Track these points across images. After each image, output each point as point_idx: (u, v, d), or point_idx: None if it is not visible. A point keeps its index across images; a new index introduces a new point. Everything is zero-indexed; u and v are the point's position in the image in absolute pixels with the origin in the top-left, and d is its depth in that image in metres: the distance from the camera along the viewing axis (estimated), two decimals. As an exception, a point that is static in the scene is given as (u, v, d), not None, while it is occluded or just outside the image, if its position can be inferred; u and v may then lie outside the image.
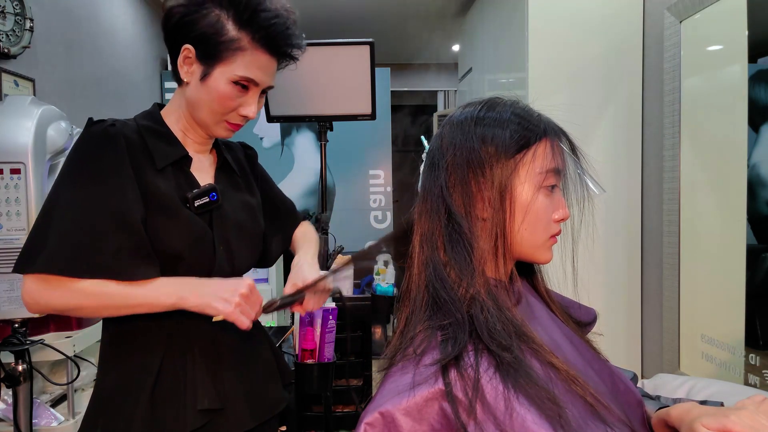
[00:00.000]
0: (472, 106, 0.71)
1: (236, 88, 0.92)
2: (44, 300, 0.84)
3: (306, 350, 1.51)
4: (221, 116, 0.95)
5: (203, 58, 0.91)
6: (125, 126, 0.92)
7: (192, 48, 0.91)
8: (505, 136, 0.67)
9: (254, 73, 0.92)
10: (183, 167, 0.96)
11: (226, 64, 0.90)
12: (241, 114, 0.95)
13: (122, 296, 0.85)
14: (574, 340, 0.71)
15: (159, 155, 0.92)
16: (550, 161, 0.68)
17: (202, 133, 0.99)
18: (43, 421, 1.45)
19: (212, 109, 0.93)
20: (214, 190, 0.95)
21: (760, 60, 1.35)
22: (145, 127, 0.94)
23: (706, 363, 1.58)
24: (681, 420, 0.64)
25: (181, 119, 0.98)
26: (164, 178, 0.92)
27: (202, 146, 1.01)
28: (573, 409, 0.57)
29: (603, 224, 1.93)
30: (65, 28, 2.46)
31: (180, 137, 0.97)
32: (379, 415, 0.57)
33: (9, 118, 1.26)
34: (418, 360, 0.60)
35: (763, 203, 1.34)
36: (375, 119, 1.79)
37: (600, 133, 1.94)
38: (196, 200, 0.93)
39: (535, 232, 0.68)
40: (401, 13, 4.25)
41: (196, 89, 0.93)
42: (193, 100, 0.94)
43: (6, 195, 1.22)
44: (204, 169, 1.01)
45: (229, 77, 0.91)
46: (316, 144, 3.81)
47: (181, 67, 0.93)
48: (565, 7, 1.94)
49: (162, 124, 0.97)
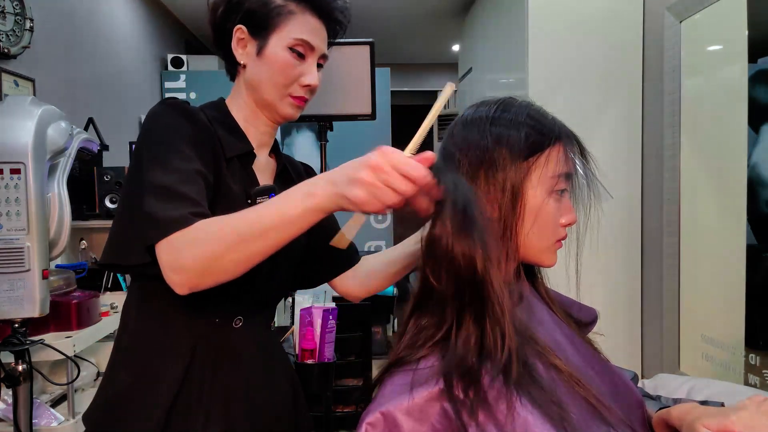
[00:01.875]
0: (486, 106, 0.71)
1: (294, 56, 0.92)
2: (182, 261, 0.72)
3: (306, 350, 1.51)
4: (284, 88, 0.93)
5: (256, 32, 0.92)
6: (197, 111, 0.91)
7: (244, 27, 0.92)
8: (520, 139, 0.66)
9: (308, 35, 0.92)
10: (246, 163, 0.95)
11: (280, 30, 0.91)
12: (303, 84, 0.94)
13: (250, 221, 0.71)
14: (575, 340, 0.71)
15: (228, 145, 0.92)
16: (563, 166, 0.67)
17: (266, 120, 0.98)
18: (43, 421, 1.45)
19: (275, 82, 0.92)
20: (273, 190, 0.93)
21: (760, 60, 1.35)
22: (213, 117, 0.93)
23: (706, 363, 1.58)
24: (681, 420, 0.64)
25: (243, 108, 0.97)
26: (231, 170, 0.91)
27: (264, 136, 0.99)
28: (575, 411, 0.57)
29: (603, 224, 1.93)
30: (65, 28, 2.46)
31: (243, 128, 0.96)
32: (380, 415, 0.57)
33: (9, 118, 1.26)
34: (419, 360, 0.60)
35: (763, 203, 1.34)
36: (375, 119, 1.79)
37: (600, 133, 1.94)
38: (258, 197, 0.92)
39: (543, 236, 0.68)
40: (401, 13, 4.25)
41: (255, 66, 0.93)
42: (254, 79, 0.94)
43: (6, 195, 1.22)
44: (264, 170, 0.99)
45: (285, 43, 0.91)
46: (316, 144, 3.80)
47: (236, 51, 0.94)
48: (565, 7, 1.94)
49: (228, 115, 0.96)
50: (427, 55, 5.66)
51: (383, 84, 3.61)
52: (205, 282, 0.73)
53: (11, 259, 1.22)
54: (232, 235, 0.71)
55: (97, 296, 1.61)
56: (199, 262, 0.72)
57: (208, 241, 0.72)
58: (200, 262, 0.72)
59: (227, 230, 0.72)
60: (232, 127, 0.95)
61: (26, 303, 1.24)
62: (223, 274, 0.73)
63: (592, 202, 0.71)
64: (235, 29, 0.93)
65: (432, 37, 4.97)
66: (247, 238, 0.71)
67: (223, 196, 0.87)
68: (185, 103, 0.90)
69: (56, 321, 1.48)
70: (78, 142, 1.44)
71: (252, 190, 0.92)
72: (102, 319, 1.64)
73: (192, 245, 0.72)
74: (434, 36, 4.94)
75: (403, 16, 4.33)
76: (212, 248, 0.71)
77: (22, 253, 1.23)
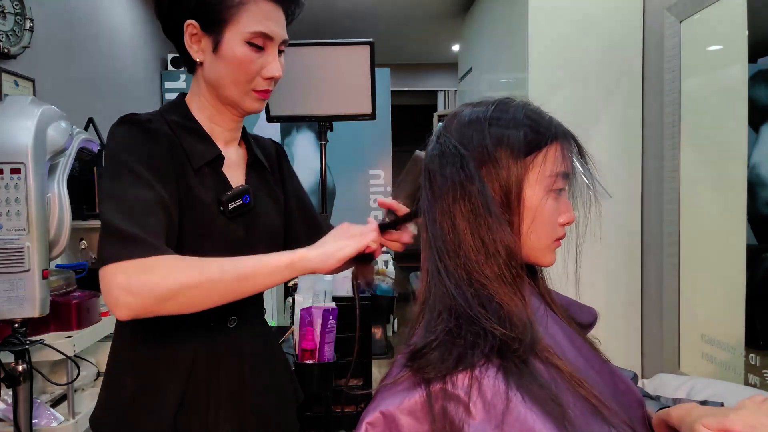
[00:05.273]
0: (483, 106, 0.70)
1: (252, 49, 0.87)
2: (140, 288, 0.72)
3: (306, 350, 1.51)
4: (246, 85, 0.89)
5: (209, 27, 0.86)
6: (159, 122, 0.87)
7: (195, 22, 0.86)
8: (519, 138, 0.66)
9: (265, 25, 0.87)
10: (216, 167, 0.91)
11: (234, 24, 0.85)
12: (265, 77, 0.89)
13: (230, 266, 0.76)
14: (575, 340, 0.71)
15: (195, 155, 0.88)
16: (560, 164, 0.67)
17: (231, 116, 0.94)
18: (43, 421, 1.44)
19: (235, 79, 0.88)
20: (247, 192, 0.91)
21: (760, 60, 1.35)
22: (175, 123, 0.89)
23: (706, 363, 1.58)
24: (681, 421, 0.64)
25: (205, 107, 0.93)
26: (200, 180, 0.88)
27: (231, 133, 0.96)
28: (576, 410, 0.57)
29: (603, 224, 1.92)
30: (65, 28, 2.46)
31: (207, 128, 0.93)
32: (380, 415, 0.57)
33: (9, 118, 1.26)
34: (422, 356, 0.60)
35: (763, 203, 1.34)
36: (375, 119, 1.79)
37: (600, 133, 1.94)
38: (230, 203, 0.89)
39: (541, 235, 0.68)
40: (401, 13, 4.25)
41: (212, 65, 0.88)
42: (213, 77, 0.89)
43: (6, 195, 1.22)
44: (234, 166, 0.96)
45: (241, 38, 0.86)
46: (316, 144, 3.81)
47: (191, 48, 0.88)
48: (565, 7, 1.94)
49: (191, 118, 0.92)
50: (427, 55, 5.66)
51: (383, 84, 3.61)
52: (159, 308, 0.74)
53: (11, 259, 1.22)
54: (207, 271, 0.75)
55: (97, 296, 1.61)
56: (166, 291, 0.73)
57: (186, 274, 0.74)
58: (167, 292, 0.73)
59: (206, 269, 0.75)
60: (197, 131, 0.91)
61: (26, 303, 1.23)
62: (185, 305, 0.75)
63: (591, 201, 0.71)
64: (186, 24, 0.87)
65: (432, 37, 4.97)
66: (229, 280, 0.75)
67: (191, 208, 0.86)
68: (147, 120, 0.86)
69: (56, 321, 1.48)
70: (78, 142, 1.44)
71: (223, 196, 0.89)
72: (102, 319, 1.64)
73: (147, 273, 0.73)
74: (434, 36, 4.94)
75: (403, 16, 4.33)
76: (184, 281, 0.74)
77: (22, 253, 1.23)
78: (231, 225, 0.90)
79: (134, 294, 0.72)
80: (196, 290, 0.74)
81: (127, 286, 0.72)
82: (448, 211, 0.65)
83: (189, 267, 0.75)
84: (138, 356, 0.90)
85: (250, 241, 0.92)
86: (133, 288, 0.72)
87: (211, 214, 0.88)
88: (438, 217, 0.66)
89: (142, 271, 0.73)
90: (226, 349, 0.92)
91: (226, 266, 0.76)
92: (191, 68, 0.92)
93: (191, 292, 0.74)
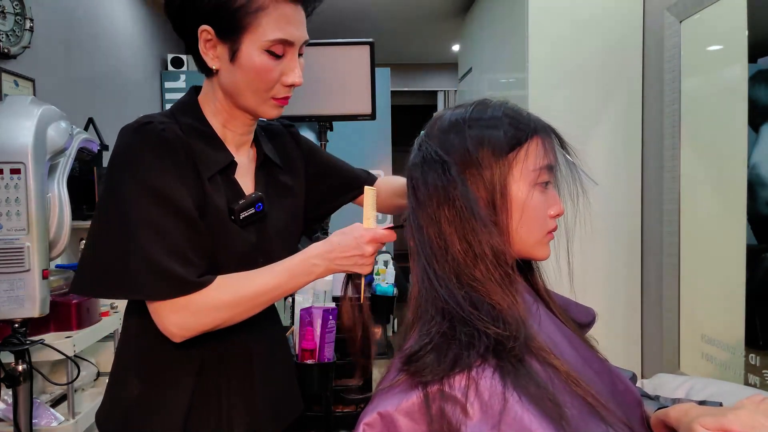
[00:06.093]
0: (462, 108, 0.72)
1: (271, 57, 0.82)
2: (194, 325, 0.81)
3: (306, 350, 1.51)
4: (266, 93, 0.85)
5: (225, 35, 0.81)
6: (173, 126, 0.84)
7: (209, 27, 0.81)
8: (499, 136, 0.67)
9: (285, 31, 0.81)
10: (228, 174, 0.89)
11: (252, 31, 0.80)
12: (285, 84, 0.85)
13: (262, 280, 0.83)
14: (573, 340, 0.71)
15: (208, 163, 0.85)
16: (542, 158, 0.68)
17: (245, 120, 0.90)
18: (43, 421, 1.45)
19: (255, 88, 0.83)
20: (260, 200, 0.89)
21: (760, 60, 1.35)
22: (189, 127, 0.86)
23: (706, 363, 1.58)
24: (679, 421, 0.64)
25: (220, 112, 0.89)
26: (213, 187, 0.86)
27: (243, 137, 0.93)
28: (573, 410, 0.57)
29: (603, 224, 1.93)
30: (65, 28, 2.46)
31: (220, 133, 0.89)
32: (377, 416, 0.57)
33: (9, 118, 1.26)
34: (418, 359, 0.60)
35: (763, 203, 1.34)
36: (375, 119, 1.79)
37: (600, 133, 1.94)
38: (242, 212, 0.87)
39: (532, 229, 0.69)
40: (401, 13, 4.25)
41: (229, 74, 0.83)
42: (231, 86, 0.85)
43: (6, 195, 1.22)
44: (245, 169, 0.93)
45: (260, 45, 0.80)
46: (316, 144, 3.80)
47: (206, 54, 0.83)
48: (565, 7, 1.94)
49: (204, 122, 0.88)
50: (427, 55, 5.66)
51: (383, 84, 3.61)
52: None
53: (11, 259, 1.22)
54: (244, 290, 0.83)
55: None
56: (207, 327, 0.82)
57: (226, 301, 0.82)
58: (208, 326, 0.82)
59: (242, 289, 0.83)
60: (210, 137, 0.88)
61: (26, 303, 1.24)
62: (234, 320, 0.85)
63: (579, 192, 0.72)
64: (200, 30, 0.82)
65: (432, 37, 4.97)
66: (265, 292, 0.83)
67: (205, 216, 0.84)
68: (161, 130, 0.82)
69: (56, 321, 1.48)
70: (78, 142, 1.44)
71: (235, 205, 0.87)
72: (102, 319, 1.64)
73: (197, 314, 0.81)
74: (434, 36, 4.94)
75: (403, 16, 4.33)
76: (228, 310, 0.83)
77: (22, 253, 1.23)
78: (243, 233, 0.88)
79: (189, 330, 0.81)
80: (241, 315, 0.84)
81: (182, 325, 0.80)
82: (433, 217, 0.66)
83: (232, 294, 0.82)
84: (145, 356, 0.89)
85: (262, 247, 0.91)
86: (188, 326, 0.81)
87: (223, 222, 0.86)
88: (424, 223, 0.67)
89: (192, 314, 0.80)
90: (235, 351, 0.92)
91: (258, 281, 0.84)
92: (206, 72, 0.88)
93: (237, 317, 0.84)
